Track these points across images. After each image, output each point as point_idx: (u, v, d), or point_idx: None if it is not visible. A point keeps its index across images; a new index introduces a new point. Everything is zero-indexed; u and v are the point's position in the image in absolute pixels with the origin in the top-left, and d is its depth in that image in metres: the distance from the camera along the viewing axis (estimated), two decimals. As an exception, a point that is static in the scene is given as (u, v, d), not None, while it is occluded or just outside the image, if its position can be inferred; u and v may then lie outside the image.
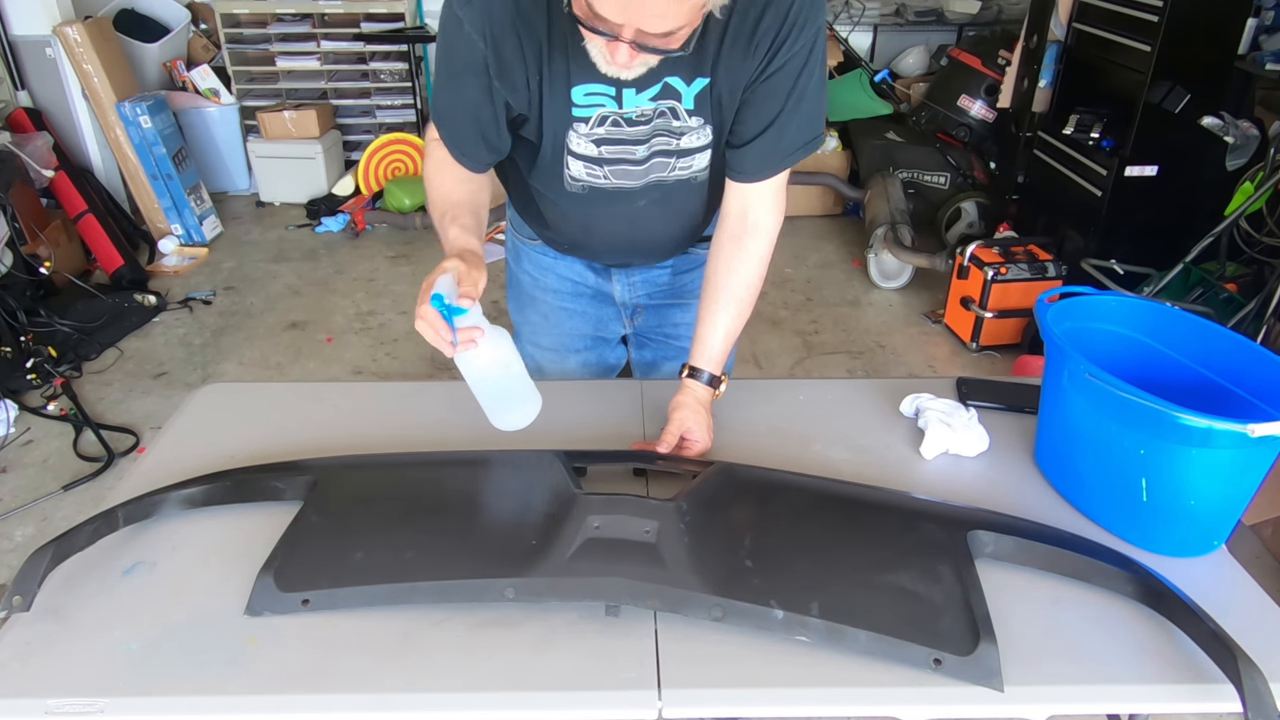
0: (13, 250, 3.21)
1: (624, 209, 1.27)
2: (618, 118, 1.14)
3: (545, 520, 1.03)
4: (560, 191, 1.25)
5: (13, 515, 2.44)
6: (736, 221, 1.24)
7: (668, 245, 1.43)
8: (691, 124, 1.17)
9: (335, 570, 0.98)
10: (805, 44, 1.09)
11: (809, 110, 1.16)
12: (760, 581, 0.96)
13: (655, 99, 1.13)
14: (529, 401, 1.18)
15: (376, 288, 3.76)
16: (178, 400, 1.41)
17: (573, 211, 1.30)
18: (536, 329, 1.55)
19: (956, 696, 0.87)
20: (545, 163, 1.22)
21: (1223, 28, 3.03)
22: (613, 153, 1.19)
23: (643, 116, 1.15)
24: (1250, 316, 2.64)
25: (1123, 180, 3.13)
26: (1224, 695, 0.86)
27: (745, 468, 1.15)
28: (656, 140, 1.18)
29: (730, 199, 1.25)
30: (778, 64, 1.10)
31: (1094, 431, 1.08)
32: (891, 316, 3.56)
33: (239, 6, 4.46)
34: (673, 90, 1.12)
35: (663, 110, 1.14)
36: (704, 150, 1.21)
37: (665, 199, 1.27)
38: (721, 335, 1.25)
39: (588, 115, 1.14)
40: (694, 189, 1.27)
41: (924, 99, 4.35)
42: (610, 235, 1.36)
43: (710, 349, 1.25)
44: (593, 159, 1.19)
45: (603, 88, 1.11)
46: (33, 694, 0.86)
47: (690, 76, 1.11)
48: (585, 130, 1.16)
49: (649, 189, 1.24)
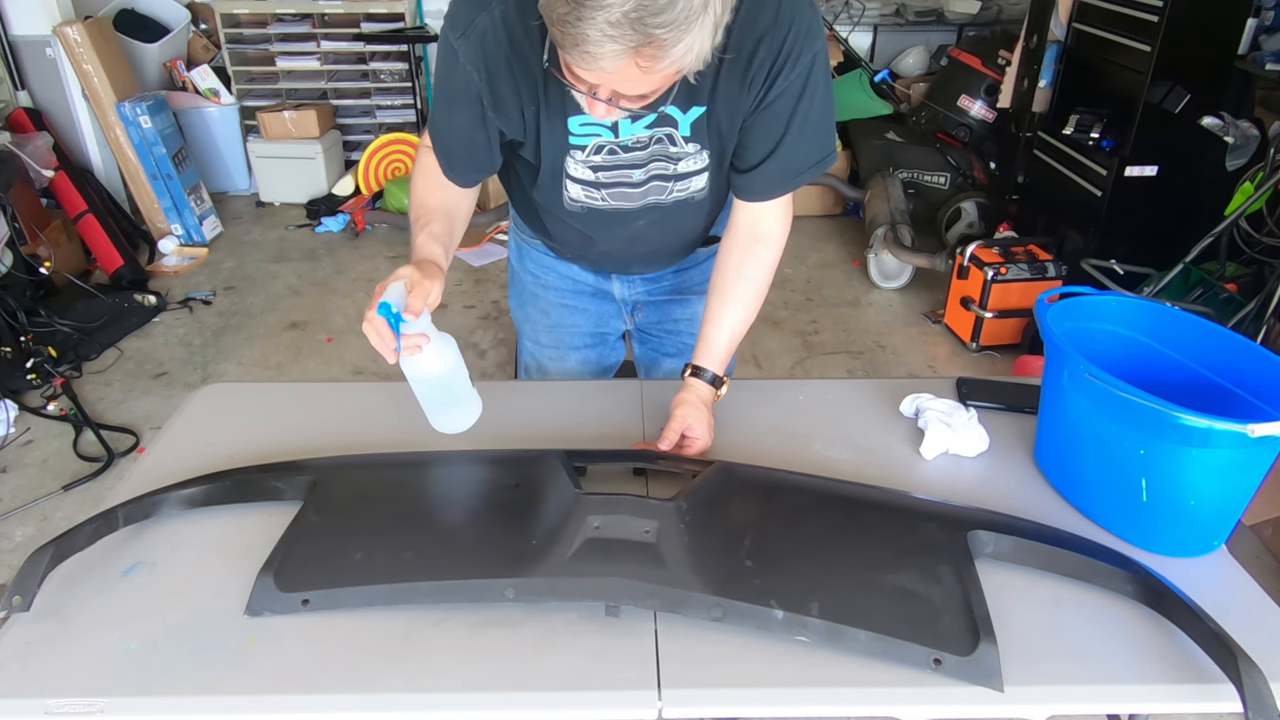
0: (13, 250, 3.21)
1: (623, 228, 1.28)
2: (614, 146, 1.15)
3: (545, 520, 1.03)
4: (560, 209, 1.27)
5: (13, 515, 2.44)
6: (746, 231, 1.25)
7: (668, 256, 1.44)
8: (688, 150, 1.17)
9: (335, 570, 0.98)
10: (802, 71, 1.09)
11: (814, 132, 1.15)
12: (760, 581, 0.96)
13: (651, 126, 1.13)
14: (469, 407, 1.24)
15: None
16: (178, 400, 1.41)
17: (573, 227, 1.31)
18: (537, 326, 1.56)
19: (956, 696, 0.87)
20: (544, 182, 1.24)
21: (1223, 28, 3.03)
22: (610, 178, 1.20)
23: (639, 144, 1.16)
24: (1250, 316, 2.64)
25: (1123, 180, 3.13)
26: (1224, 695, 0.86)
27: (745, 467, 1.15)
28: (654, 165, 1.19)
29: (739, 212, 1.26)
30: (776, 92, 1.10)
31: (1094, 431, 1.08)
32: (891, 316, 3.56)
33: (239, 6, 4.46)
34: (669, 118, 1.13)
35: (659, 137, 1.15)
36: (701, 173, 1.21)
37: (664, 218, 1.27)
38: (726, 336, 1.26)
39: (584, 144, 1.15)
40: (693, 207, 1.28)
41: (924, 99, 4.35)
42: (610, 249, 1.37)
43: (714, 349, 1.26)
44: (590, 183, 1.21)
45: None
46: (32, 694, 0.86)
47: (686, 105, 1.11)
48: (582, 157, 1.17)
49: (647, 210, 1.25)
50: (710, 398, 1.25)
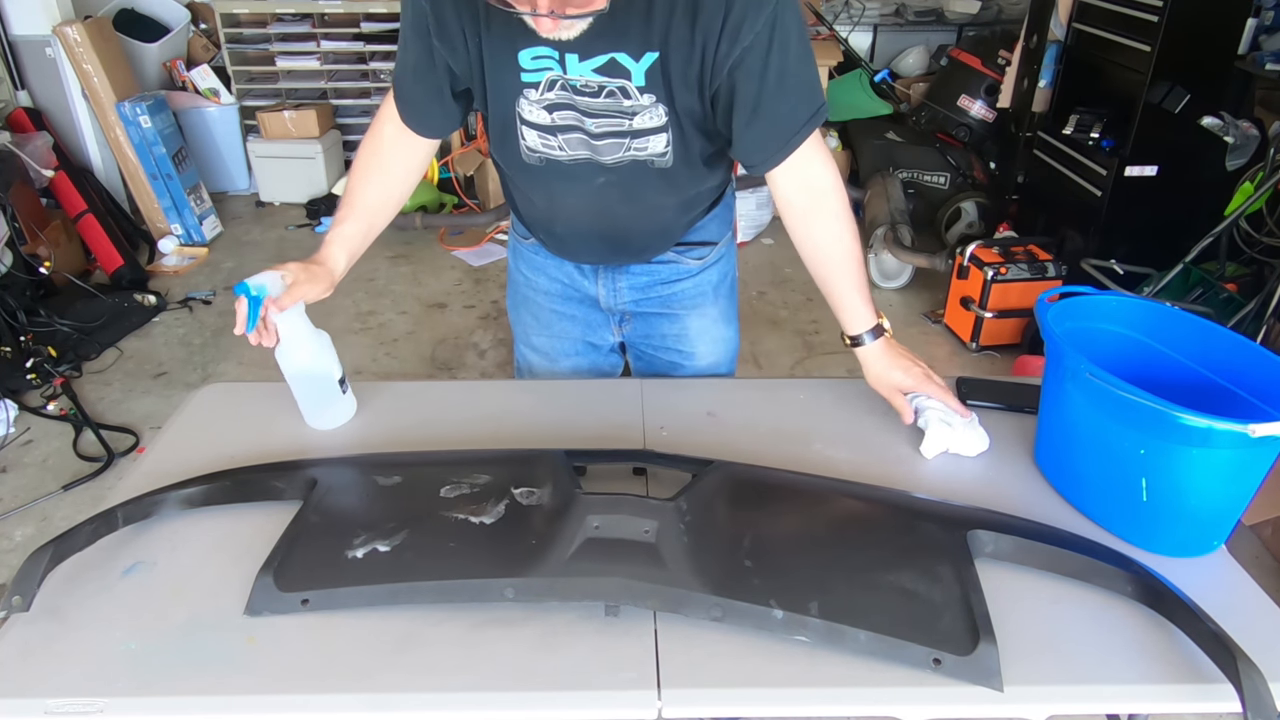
0: (13, 250, 3.21)
1: (584, 187, 1.25)
2: (565, 83, 1.13)
3: (545, 520, 1.03)
4: (519, 165, 1.25)
5: (13, 515, 2.44)
6: (794, 195, 1.23)
7: (639, 241, 1.40)
8: (644, 101, 1.14)
9: (335, 570, 0.98)
10: (765, 24, 1.06)
11: (796, 86, 1.13)
12: (760, 581, 0.96)
13: (601, 72, 1.10)
14: (339, 406, 1.30)
15: (376, 288, 3.76)
16: (178, 400, 1.41)
17: (534, 188, 1.31)
18: (529, 329, 1.55)
19: (956, 696, 0.87)
20: (497, 133, 1.23)
21: (1223, 28, 3.02)
22: (565, 119, 1.17)
23: (588, 88, 1.13)
24: (1250, 316, 2.64)
25: (1123, 180, 3.13)
26: (1224, 695, 0.86)
27: (745, 467, 1.15)
28: (609, 121, 1.16)
29: (776, 187, 1.24)
30: (740, 47, 1.07)
31: (1094, 431, 1.08)
32: (891, 316, 3.51)
33: (239, 6, 4.46)
34: (621, 68, 1.10)
35: (612, 90, 1.12)
36: (659, 132, 1.18)
37: (624, 181, 1.24)
38: (855, 299, 1.28)
39: (537, 80, 1.13)
40: (654, 175, 1.24)
41: (924, 99, 4.35)
42: (575, 220, 1.34)
43: (853, 314, 1.28)
44: (545, 127, 1.18)
45: (547, 50, 1.10)
46: (32, 694, 0.86)
47: (638, 52, 1.08)
48: (536, 96, 1.15)
49: (607, 169, 1.22)
50: (886, 348, 1.28)
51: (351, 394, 1.32)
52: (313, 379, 1.26)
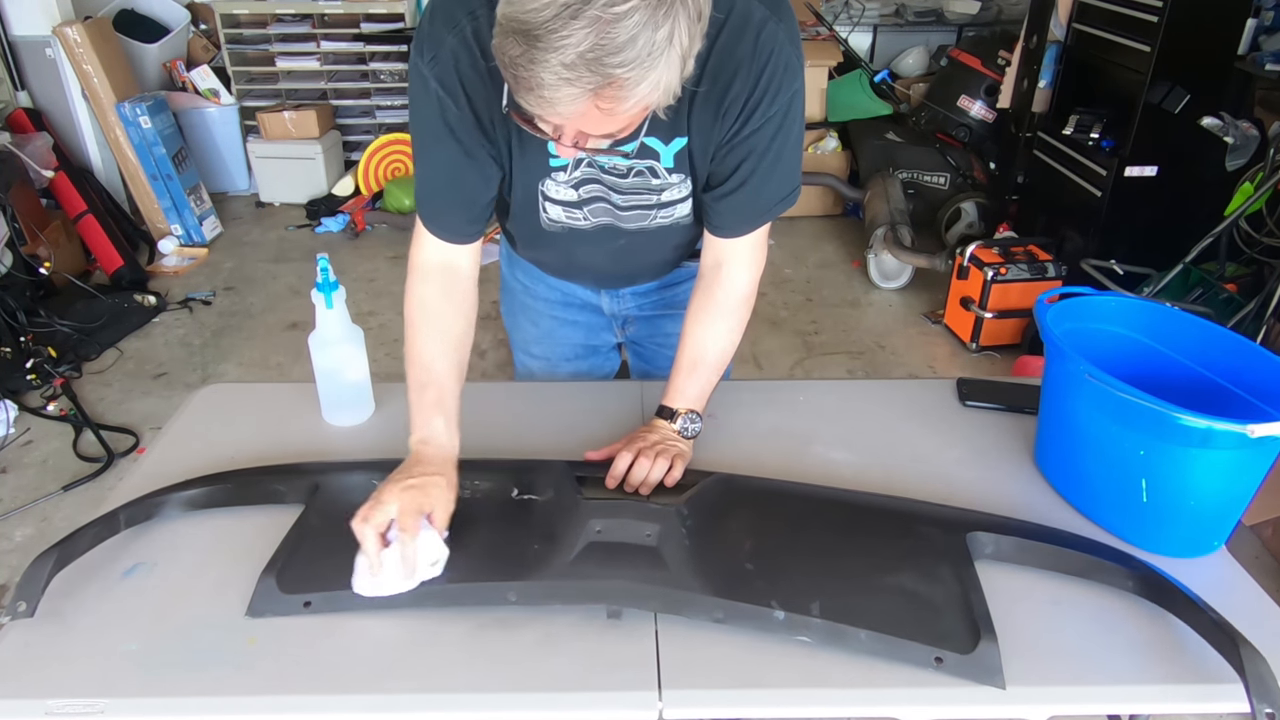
0: (13, 250, 3.21)
1: (604, 246, 1.25)
2: (592, 161, 1.11)
3: (547, 524, 1.04)
4: (538, 230, 1.24)
5: (13, 515, 2.44)
6: (710, 274, 1.22)
7: (652, 272, 1.42)
8: (672, 180, 1.14)
9: (337, 573, 0.98)
10: (781, 108, 1.06)
11: (785, 168, 1.13)
12: (761, 583, 0.96)
13: (632, 158, 1.09)
14: (359, 405, 1.33)
15: (377, 288, 3.76)
16: (178, 400, 1.41)
17: (553, 246, 1.28)
18: (528, 337, 1.54)
19: (958, 698, 0.87)
20: (518, 208, 1.20)
21: (1223, 28, 3.03)
22: (591, 192, 1.16)
23: (616, 169, 1.12)
24: (1250, 316, 2.64)
25: (1122, 180, 3.13)
26: (1225, 695, 0.86)
27: (744, 478, 1.15)
28: (637, 196, 1.16)
29: (706, 252, 1.23)
30: (751, 127, 1.06)
31: (1094, 432, 1.08)
32: (891, 317, 3.56)
33: (239, 6, 4.46)
34: (651, 151, 1.10)
35: (641, 170, 1.12)
36: (685, 201, 1.19)
37: (648, 240, 1.24)
38: (697, 389, 1.21)
39: (565, 163, 1.12)
40: (677, 230, 1.24)
41: (924, 99, 4.35)
42: (591, 265, 1.34)
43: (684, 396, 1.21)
44: (571, 203, 1.18)
45: None
46: (33, 695, 0.86)
47: (668, 137, 1.08)
48: (564, 178, 1.14)
49: (629, 233, 1.22)
50: (662, 424, 1.20)
51: (371, 395, 1.33)
52: (340, 375, 1.27)
